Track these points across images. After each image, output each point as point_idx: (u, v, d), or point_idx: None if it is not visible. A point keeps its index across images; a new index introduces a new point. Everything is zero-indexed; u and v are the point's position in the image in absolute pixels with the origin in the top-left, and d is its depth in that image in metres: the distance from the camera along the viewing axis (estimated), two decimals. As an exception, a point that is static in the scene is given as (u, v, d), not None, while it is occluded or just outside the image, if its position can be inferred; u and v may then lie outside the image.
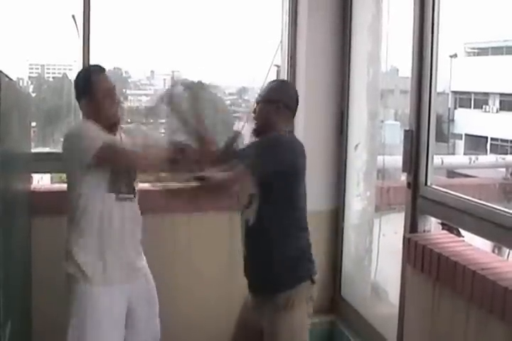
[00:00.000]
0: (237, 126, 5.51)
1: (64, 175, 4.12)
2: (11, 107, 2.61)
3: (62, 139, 2.77)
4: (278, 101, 2.63)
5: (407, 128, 3.01)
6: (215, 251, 3.73)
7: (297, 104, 2.74)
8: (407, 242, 2.85)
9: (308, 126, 3.96)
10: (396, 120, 4.44)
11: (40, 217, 3.36)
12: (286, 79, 2.98)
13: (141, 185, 3.84)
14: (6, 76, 2.48)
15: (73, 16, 3.66)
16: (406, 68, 3.41)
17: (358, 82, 3.80)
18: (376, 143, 3.84)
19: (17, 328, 2.75)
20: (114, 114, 2.76)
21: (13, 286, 2.67)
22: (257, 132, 2.69)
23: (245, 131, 5.21)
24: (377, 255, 3.74)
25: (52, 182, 4.38)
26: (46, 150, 4.08)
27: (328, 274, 4.01)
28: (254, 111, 2.69)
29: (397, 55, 3.73)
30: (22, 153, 3.21)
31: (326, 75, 3.90)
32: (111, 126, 2.76)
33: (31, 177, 3.67)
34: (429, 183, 2.94)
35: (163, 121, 4.24)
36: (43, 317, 3.36)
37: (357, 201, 3.92)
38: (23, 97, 3.39)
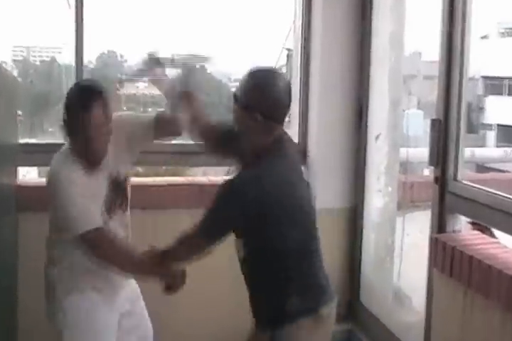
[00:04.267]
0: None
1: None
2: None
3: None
4: (254, 110, 2.29)
5: (434, 117, 3.00)
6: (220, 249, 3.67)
7: (285, 104, 2.36)
8: (434, 243, 2.84)
9: (323, 116, 3.95)
10: (419, 108, 4.40)
11: (27, 212, 3.36)
12: (272, 68, 2.46)
13: (141, 180, 3.85)
14: (-11, 58, 2.44)
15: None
16: (430, 51, 3.41)
17: (379, 67, 3.77)
18: (398, 134, 3.82)
19: (2, 327, 2.80)
20: (102, 149, 2.60)
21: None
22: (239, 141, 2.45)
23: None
24: (400, 257, 3.73)
25: (40, 176, 4.34)
26: (33, 141, 4.03)
27: (346, 278, 4.00)
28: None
29: (420, 37, 3.68)
30: (7, 144, 3.19)
31: (344, 59, 3.87)
32: (96, 161, 2.64)
33: (17, 170, 3.63)
34: (458, 178, 2.92)
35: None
36: (30, 315, 3.35)
37: (377, 197, 3.90)
38: (10, 82, 3.36)
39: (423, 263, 3.05)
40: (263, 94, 2.30)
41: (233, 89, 2.46)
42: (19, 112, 3.87)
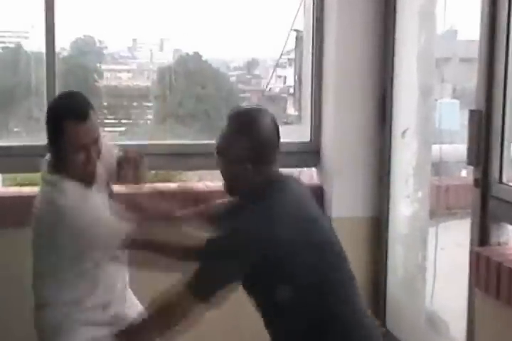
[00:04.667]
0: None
1: (19, 177, 4.07)
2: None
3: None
4: (242, 162, 2.41)
5: (474, 108, 2.98)
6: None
7: (275, 144, 2.47)
8: (475, 258, 2.83)
9: (339, 108, 3.93)
10: (453, 98, 4.37)
11: None
12: (250, 108, 2.63)
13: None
14: None
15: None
16: (468, 28, 3.45)
17: (406, 49, 3.76)
18: (430, 129, 3.79)
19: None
20: (88, 173, 2.71)
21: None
22: (229, 192, 2.59)
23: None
24: (434, 275, 3.67)
25: (4, 184, 4.28)
26: None
27: (369, 300, 3.90)
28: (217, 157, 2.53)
29: (456, 11, 3.65)
30: None
31: (364, 41, 3.86)
32: (92, 175, 2.75)
33: None
34: (504, 180, 2.90)
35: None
36: None
37: (405, 204, 3.87)
38: None
39: (462, 282, 3.02)
40: (249, 143, 2.41)
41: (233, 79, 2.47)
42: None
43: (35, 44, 3.84)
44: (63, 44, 4.21)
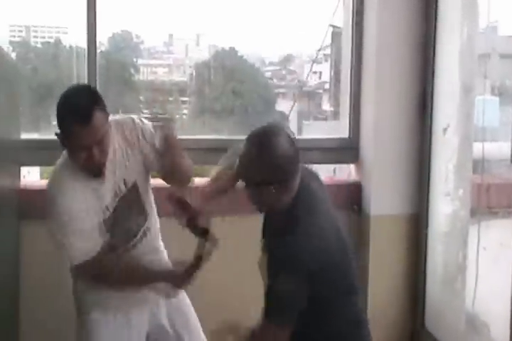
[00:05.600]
0: (281, 105, 5.45)
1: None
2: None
3: None
4: (273, 185, 2.39)
5: None
6: (248, 255, 3.69)
7: (296, 160, 2.43)
8: None
9: (379, 105, 3.91)
10: (493, 94, 4.32)
11: (31, 220, 3.37)
12: (264, 130, 2.45)
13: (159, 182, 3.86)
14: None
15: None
16: (509, 24, 3.43)
17: (448, 45, 3.71)
18: (471, 126, 3.74)
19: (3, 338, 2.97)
20: (92, 168, 2.67)
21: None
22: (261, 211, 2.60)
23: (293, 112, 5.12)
24: (476, 275, 3.63)
25: (42, 177, 4.34)
26: (37, 136, 4.00)
27: (408, 300, 3.97)
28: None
29: (498, 6, 3.59)
30: (10, 140, 3.17)
31: (405, 36, 3.84)
32: (96, 171, 2.71)
33: (20, 171, 3.66)
34: None
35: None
36: (32, 326, 3.62)
37: (445, 202, 3.84)
38: (10, 69, 3.33)
39: (505, 283, 3.01)
40: (271, 166, 2.36)
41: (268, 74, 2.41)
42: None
43: (75, 39, 3.86)
44: (101, 39, 4.20)
